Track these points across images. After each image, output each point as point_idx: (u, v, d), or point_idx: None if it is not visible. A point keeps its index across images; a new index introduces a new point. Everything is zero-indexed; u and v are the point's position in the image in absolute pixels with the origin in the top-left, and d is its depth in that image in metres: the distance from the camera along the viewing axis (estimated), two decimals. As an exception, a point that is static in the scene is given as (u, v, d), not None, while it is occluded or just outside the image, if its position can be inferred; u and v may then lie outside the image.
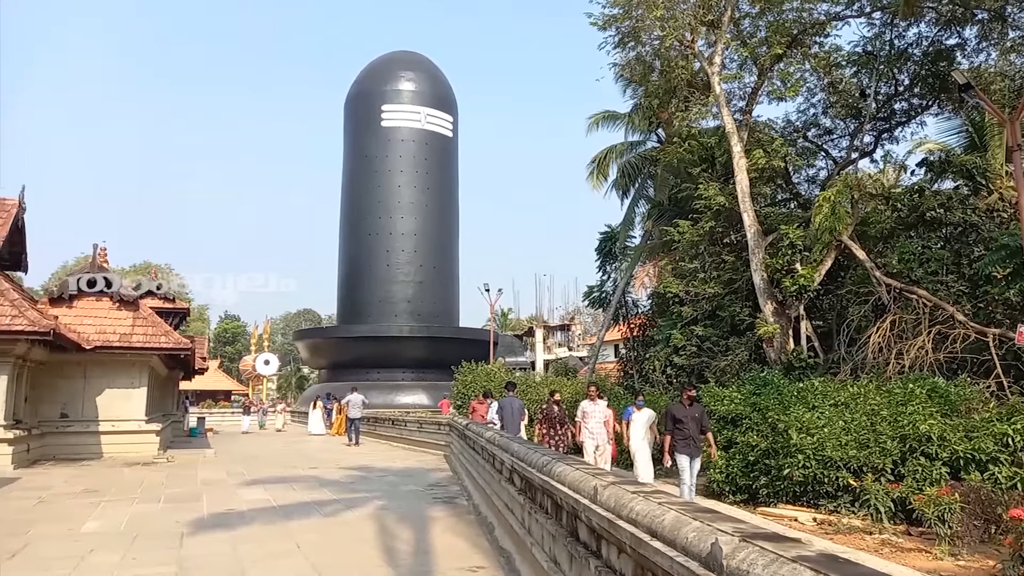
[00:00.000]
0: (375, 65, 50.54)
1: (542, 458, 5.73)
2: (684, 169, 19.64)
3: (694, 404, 10.18)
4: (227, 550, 7.41)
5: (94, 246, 19.62)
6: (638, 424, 12.04)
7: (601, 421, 12.04)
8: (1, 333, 14.07)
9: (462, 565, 6.64)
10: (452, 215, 50.29)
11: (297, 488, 12.31)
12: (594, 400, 12.23)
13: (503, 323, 69.78)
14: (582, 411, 12.19)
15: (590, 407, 12.12)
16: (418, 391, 42.78)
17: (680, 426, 9.87)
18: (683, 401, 10.18)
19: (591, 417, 12.03)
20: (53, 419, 17.39)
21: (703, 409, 10.43)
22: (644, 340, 22.97)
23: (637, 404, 12.57)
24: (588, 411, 12.10)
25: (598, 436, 11.96)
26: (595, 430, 11.98)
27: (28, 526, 8.59)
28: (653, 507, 2.93)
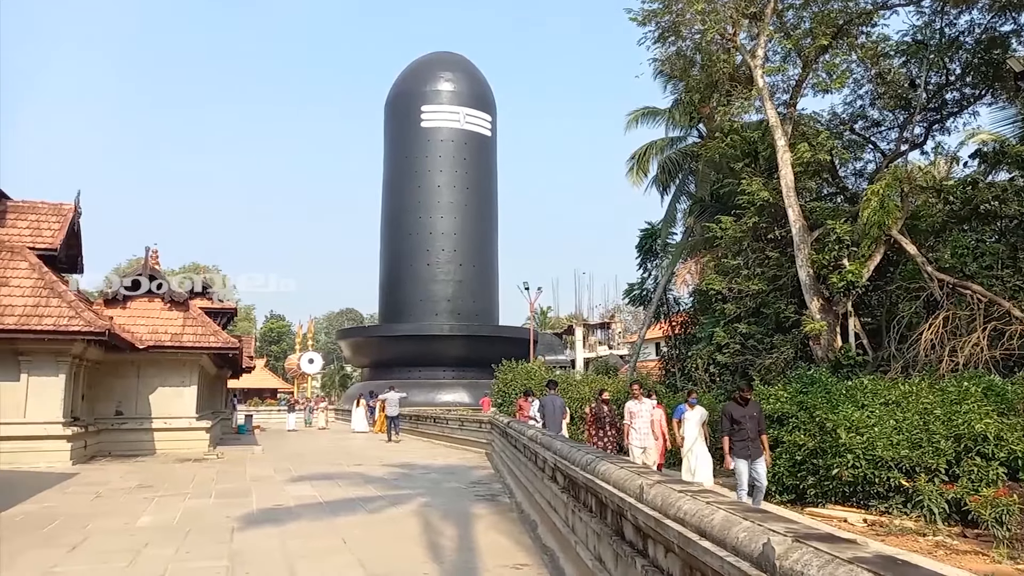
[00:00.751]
0: (414, 66, 50.98)
1: (585, 456, 5.72)
2: (726, 164, 19.35)
3: (751, 403, 9.71)
4: (276, 545, 7.57)
5: (146, 248, 20.24)
6: (691, 423, 11.54)
7: (648, 421, 11.71)
8: (59, 334, 14.61)
9: (506, 562, 6.66)
10: (491, 214, 50.46)
11: (342, 485, 12.50)
12: (639, 399, 11.90)
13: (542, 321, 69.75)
14: (628, 412, 11.90)
15: (636, 407, 11.83)
16: (459, 389, 43.06)
17: (738, 427, 9.44)
18: (739, 400, 9.71)
19: (637, 417, 11.72)
20: (109, 416, 17.99)
21: (760, 410, 9.94)
22: (686, 338, 22.73)
23: (690, 402, 12.00)
24: (634, 411, 11.80)
25: (644, 437, 11.62)
26: (642, 430, 11.64)
27: (87, 520, 8.91)
28: (701, 506, 2.91)
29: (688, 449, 11.36)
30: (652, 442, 11.61)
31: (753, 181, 17.08)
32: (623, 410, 12.67)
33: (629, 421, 11.72)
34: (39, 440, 14.71)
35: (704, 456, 11.33)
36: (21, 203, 18.25)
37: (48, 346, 14.91)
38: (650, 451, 11.60)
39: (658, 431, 11.84)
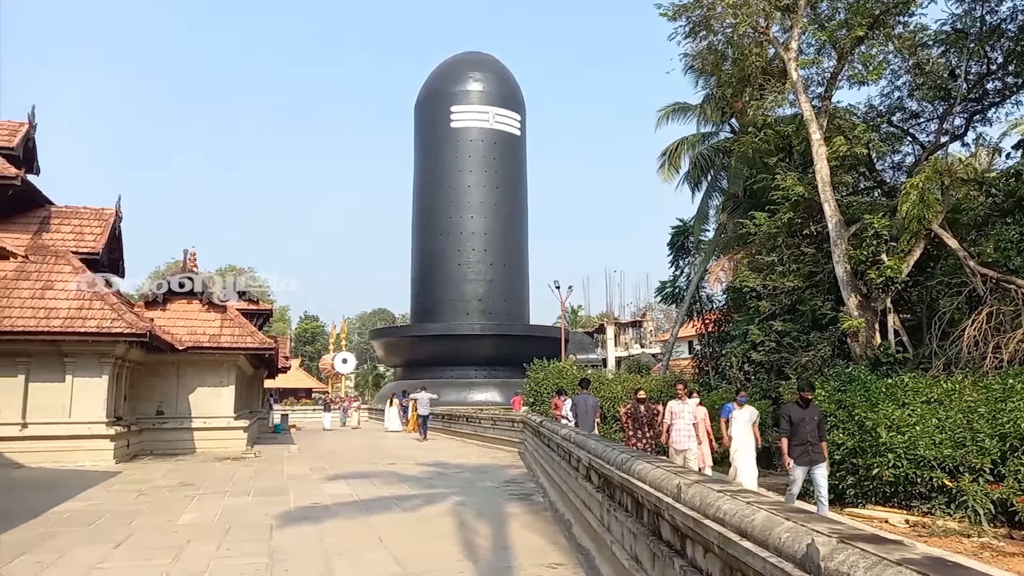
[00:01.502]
0: (443, 67, 51.23)
1: (620, 455, 5.69)
2: (760, 159, 19.07)
3: (811, 405, 9.18)
4: (314, 542, 7.67)
5: (184, 251, 20.67)
6: (739, 423, 11.00)
7: (690, 422, 11.16)
8: (102, 335, 15.00)
9: (541, 562, 6.66)
10: (521, 213, 50.49)
11: (377, 483, 12.62)
12: (682, 399, 11.37)
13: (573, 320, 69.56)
14: (670, 411, 11.34)
15: (678, 407, 11.28)
16: (490, 388, 43.19)
17: (797, 430, 8.93)
18: (800, 402, 9.14)
19: (679, 417, 11.18)
20: (150, 416, 18.42)
21: (820, 413, 9.44)
22: (719, 336, 22.46)
23: (738, 400, 11.40)
24: (676, 411, 11.24)
25: (686, 438, 11.12)
26: (683, 431, 11.14)
27: (131, 517, 9.13)
28: (742, 506, 2.87)
29: (736, 451, 10.86)
30: (693, 444, 11.07)
31: (788, 176, 16.81)
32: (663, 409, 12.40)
33: (670, 421, 11.25)
34: (84, 439, 15.12)
35: (750, 459, 10.85)
36: (64, 208, 18.78)
37: (92, 347, 15.31)
38: (691, 454, 11.07)
39: (701, 433, 11.26)
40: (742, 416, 11.04)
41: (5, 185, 16.64)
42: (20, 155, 17.94)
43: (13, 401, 14.95)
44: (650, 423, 11.59)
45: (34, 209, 18.26)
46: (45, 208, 18.47)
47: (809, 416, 9.01)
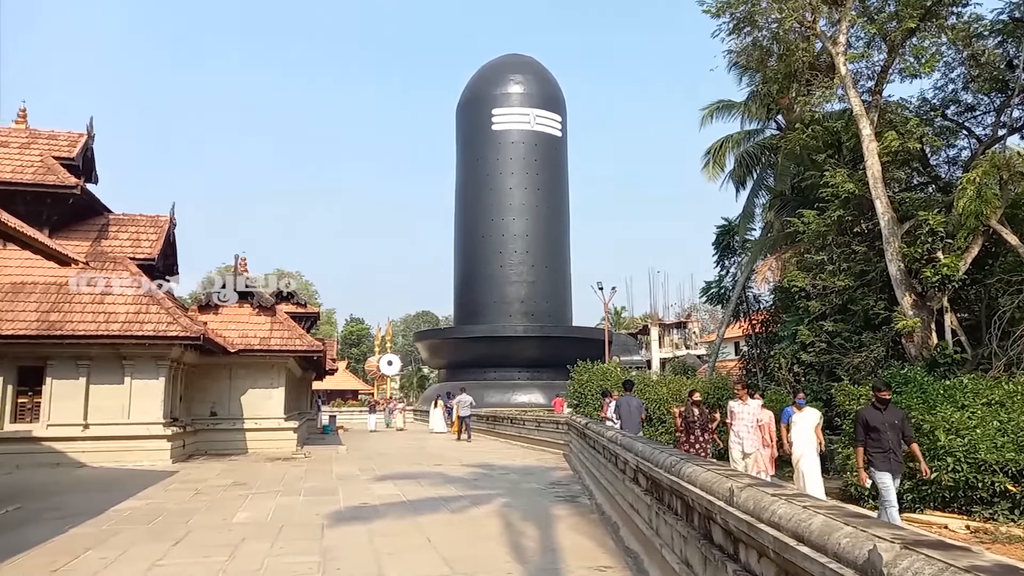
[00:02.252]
0: (484, 70, 51.49)
1: (669, 458, 5.65)
2: (807, 156, 18.69)
3: (890, 407, 8.37)
4: (364, 542, 7.79)
5: (235, 256, 21.24)
6: (801, 427, 10.41)
7: (751, 424, 10.66)
8: (159, 339, 15.49)
9: (589, 564, 6.65)
10: (563, 214, 50.40)
11: (424, 484, 12.74)
12: (743, 400, 10.84)
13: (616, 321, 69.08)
14: (730, 412, 10.92)
15: (738, 408, 10.79)
16: (533, 390, 43.18)
17: (876, 435, 8.11)
18: (876, 404, 8.36)
19: (739, 419, 10.71)
20: (204, 417, 18.94)
21: (903, 414, 8.57)
22: (767, 337, 22.08)
23: (798, 403, 10.80)
24: (736, 412, 10.78)
25: (746, 441, 10.59)
26: (742, 434, 10.65)
27: (188, 515, 9.41)
28: (798, 510, 2.83)
29: (799, 458, 10.30)
30: (754, 448, 10.54)
31: (837, 172, 16.44)
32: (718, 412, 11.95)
33: (730, 422, 10.80)
34: (142, 440, 15.64)
35: (814, 466, 10.28)
36: (122, 216, 19.47)
37: (149, 350, 15.83)
38: (752, 458, 10.53)
39: (766, 436, 10.72)
40: (804, 419, 10.50)
41: (66, 194, 17.36)
42: (79, 165, 18.67)
43: (75, 403, 15.55)
44: (704, 427, 11.09)
45: (93, 217, 18.97)
46: (104, 216, 19.19)
47: (889, 419, 8.16)
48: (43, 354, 15.47)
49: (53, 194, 17.27)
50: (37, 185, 17.07)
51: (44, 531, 8.24)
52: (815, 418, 10.58)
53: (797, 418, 10.53)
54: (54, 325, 15.22)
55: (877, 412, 8.24)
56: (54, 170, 17.49)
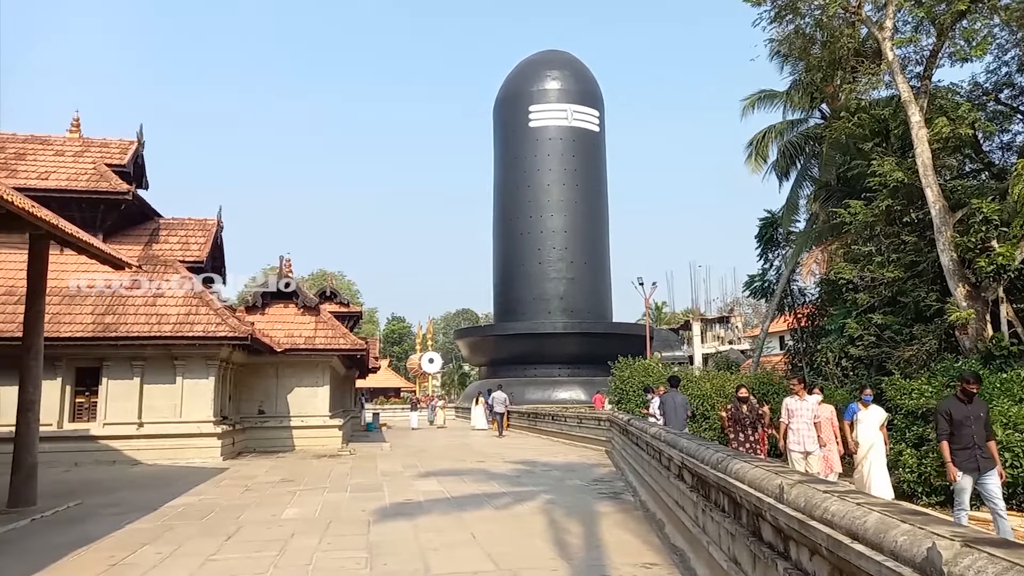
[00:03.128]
0: (521, 67, 51.48)
1: (715, 454, 5.58)
2: (853, 145, 18.23)
3: (975, 400, 7.67)
4: (409, 537, 7.88)
5: (280, 257, 21.65)
6: (867, 425, 9.86)
7: (810, 421, 10.05)
8: (208, 339, 15.90)
9: (635, 561, 6.61)
10: (601, 209, 50.13)
11: (467, 481, 12.83)
12: (800, 396, 10.21)
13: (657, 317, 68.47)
14: (786, 409, 10.27)
15: (795, 404, 10.17)
16: (574, 387, 43.08)
17: (960, 430, 7.49)
18: (962, 396, 7.68)
19: (796, 416, 10.08)
20: (252, 415, 19.38)
21: (987, 408, 7.92)
22: (813, 331, 21.64)
23: (863, 399, 10.17)
24: (793, 409, 10.15)
25: (806, 440, 9.98)
26: (802, 432, 10.01)
27: (239, 511, 9.64)
28: (852, 508, 2.77)
29: (863, 457, 9.76)
30: (816, 447, 9.99)
31: (885, 161, 16.00)
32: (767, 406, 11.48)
33: (787, 420, 10.16)
34: (193, 438, 16.07)
35: (881, 466, 9.75)
36: (171, 220, 20.02)
37: (199, 351, 16.26)
38: (813, 457, 10.00)
39: (827, 434, 10.18)
40: (869, 417, 9.93)
41: (118, 200, 17.91)
42: (131, 171, 19.26)
43: (130, 402, 16.06)
44: (754, 424, 10.56)
45: (144, 221, 19.55)
46: (154, 220, 19.76)
47: (974, 413, 7.53)
48: (99, 355, 16.00)
49: (106, 200, 17.84)
50: (91, 192, 17.66)
51: (103, 526, 8.54)
52: (882, 416, 10.03)
53: (863, 415, 9.99)
54: (109, 327, 15.73)
55: (962, 405, 7.59)
56: (107, 177, 18.07)
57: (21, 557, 7.08)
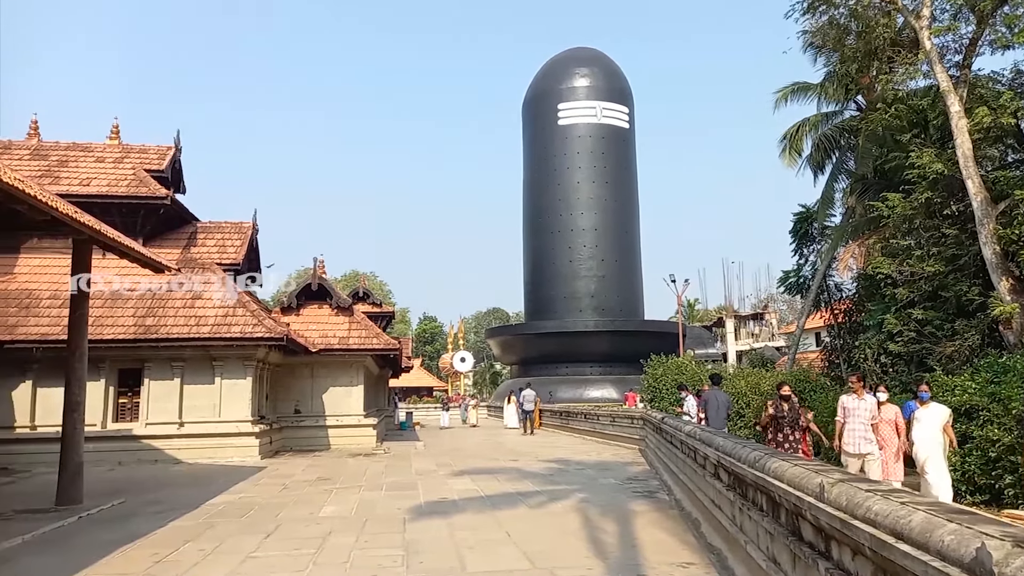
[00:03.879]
0: (550, 65, 51.41)
1: (752, 453, 5.53)
2: (891, 137, 17.84)
3: None
4: (445, 535, 7.94)
5: (314, 259, 21.91)
6: (926, 425, 9.19)
7: (867, 422, 9.37)
8: (245, 340, 16.18)
9: (671, 560, 6.57)
10: (632, 206, 49.85)
11: (501, 479, 12.87)
12: (859, 394, 9.48)
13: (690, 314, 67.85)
14: (842, 408, 9.61)
15: (851, 403, 9.49)
16: (606, 385, 42.91)
17: None
18: None
19: (853, 416, 9.41)
20: (288, 415, 19.68)
21: None
22: (851, 327, 21.24)
23: (920, 397, 9.44)
24: (850, 408, 9.47)
25: (861, 442, 9.32)
26: (859, 434, 9.34)
27: (278, 509, 9.81)
28: (895, 507, 2.72)
29: (924, 459, 9.11)
30: (872, 449, 9.35)
31: (924, 153, 15.63)
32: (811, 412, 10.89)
33: (842, 420, 9.54)
34: (232, 437, 16.37)
35: (942, 468, 9.12)
36: (208, 224, 20.41)
37: (236, 351, 16.56)
38: (871, 459, 9.32)
39: (887, 436, 9.43)
40: (929, 416, 9.25)
41: (157, 205, 18.32)
42: (169, 176, 19.68)
43: (171, 402, 16.42)
44: (794, 423, 9.96)
45: (182, 225, 19.96)
46: (192, 224, 20.17)
47: None
48: (141, 356, 16.38)
49: (145, 205, 18.26)
50: (131, 197, 18.08)
51: (147, 524, 8.75)
52: (943, 415, 9.29)
53: (921, 414, 9.28)
54: (150, 329, 16.11)
55: None
56: (146, 182, 18.49)
57: (71, 553, 7.29)
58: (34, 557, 7.18)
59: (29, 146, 19.96)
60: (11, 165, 15.03)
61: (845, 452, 9.49)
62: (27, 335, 15.50)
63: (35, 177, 17.03)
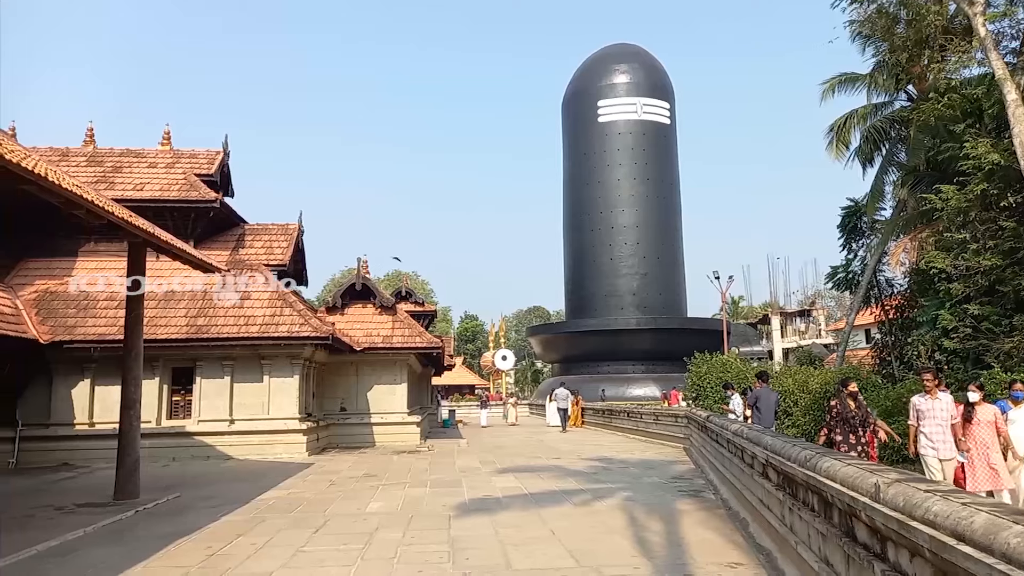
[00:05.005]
0: (588, 63, 51.19)
1: (802, 452, 5.43)
2: (943, 127, 17.29)
3: None
4: (489, 533, 7.97)
5: (358, 259, 22.27)
6: (1021, 426, 8.40)
7: (946, 424, 8.48)
8: (292, 339, 16.51)
9: (719, 560, 6.50)
10: (673, 203, 49.32)
11: (544, 477, 12.87)
12: (932, 394, 8.56)
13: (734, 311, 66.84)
14: (914, 410, 8.74)
15: (924, 404, 8.59)
16: (649, 383, 42.55)
17: None
18: None
19: (928, 418, 8.53)
20: (334, 412, 20.03)
21: None
22: (903, 323, 20.68)
23: (1013, 396, 8.64)
24: (923, 409, 8.59)
25: (941, 446, 8.42)
26: (935, 437, 8.45)
27: (325, 505, 9.99)
28: (956, 508, 2.65)
29: (1017, 465, 8.32)
30: (953, 453, 8.48)
31: (979, 143, 15.11)
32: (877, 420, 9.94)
33: (915, 423, 8.72)
34: (280, 434, 16.73)
35: None
36: (256, 226, 20.89)
37: (284, 350, 16.90)
38: (951, 465, 8.48)
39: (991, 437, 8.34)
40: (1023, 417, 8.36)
41: (207, 208, 18.81)
42: (217, 180, 20.19)
43: (222, 400, 16.84)
44: (863, 424, 9.18)
45: (231, 227, 20.46)
46: (240, 226, 20.66)
47: None
48: (193, 355, 16.85)
49: (196, 208, 18.78)
50: (182, 201, 18.61)
51: (201, 518, 9.00)
52: None
53: (1015, 414, 8.51)
54: (201, 329, 16.55)
55: None
56: (196, 186, 19.01)
57: (131, 545, 7.55)
58: (96, 548, 7.45)
59: (85, 153, 20.70)
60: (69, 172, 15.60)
61: (923, 455, 8.65)
62: (85, 335, 16.08)
63: (91, 183, 17.66)
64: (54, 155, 19.94)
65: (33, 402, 16.34)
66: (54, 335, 15.95)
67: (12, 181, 7.38)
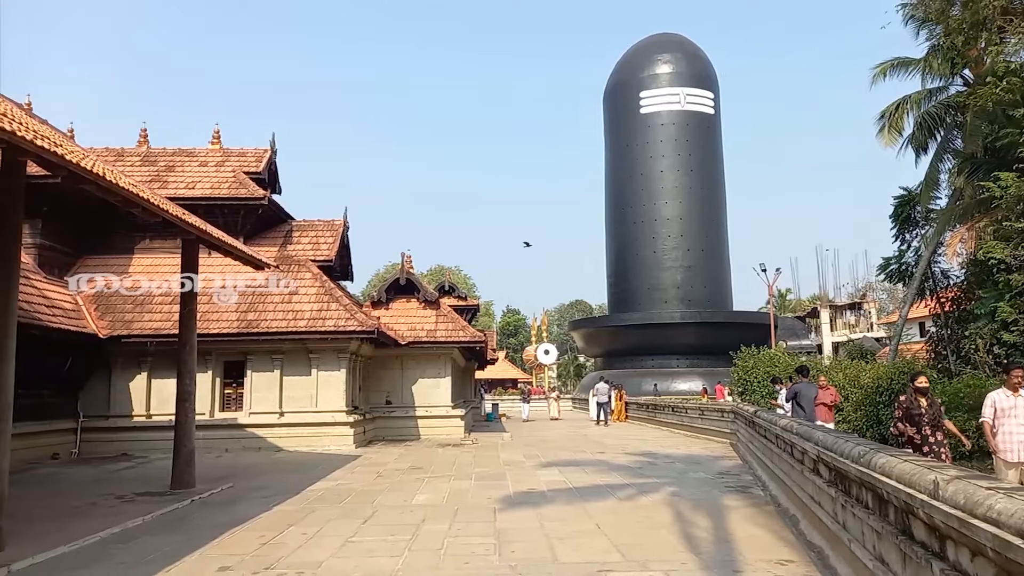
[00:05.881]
0: (630, 54, 50.65)
1: (856, 448, 5.31)
2: (1002, 112, 16.63)
3: None
4: (535, 526, 8.01)
5: (402, 254, 22.51)
6: None
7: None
8: (340, 333, 16.79)
9: (768, 557, 6.41)
10: (718, 194, 48.54)
11: (589, 471, 12.86)
12: (1015, 391, 7.85)
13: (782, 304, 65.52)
14: (991, 407, 7.95)
15: (1003, 401, 7.86)
16: (693, 377, 42.04)
17: None
18: None
19: (1009, 416, 7.79)
20: (380, 405, 20.32)
21: None
22: (959, 316, 20.01)
23: None
24: (1003, 407, 7.84)
25: (1020, 448, 7.72)
26: (1015, 434, 7.75)
27: (373, 496, 10.16)
28: (1021, 505, 2.57)
29: None
30: None
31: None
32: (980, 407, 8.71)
33: (990, 420, 7.95)
34: (328, 426, 17.05)
35: None
36: (303, 222, 21.29)
37: (331, 344, 17.21)
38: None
39: None
40: None
41: (256, 205, 19.23)
42: (266, 177, 20.63)
43: (271, 393, 17.24)
44: (936, 423, 8.53)
45: (278, 224, 20.89)
46: (287, 223, 21.08)
47: None
48: (243, 349, 17.27)
49: (245, 206, 19.22)
50: (232, 199, 19.07)
51: (253, 508, 9.24)
52: None
53: None
54: (252, 323, 16.95)
55: None
56: (245, 184, 19.46)
57: (188, 533, 7.80)
58: (156, 536, 7.72)
59: (139, 153, 21.36)
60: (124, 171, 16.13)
61: (999, 457, 7.93)
62: (142, 330, 16.62)
63: (145, 182, 18.21)
64: (110, 155, 20.63)
65: (94, 395, 16.98)
66: (112, 330, 16.54)
67: (73, 181, 7.67)
